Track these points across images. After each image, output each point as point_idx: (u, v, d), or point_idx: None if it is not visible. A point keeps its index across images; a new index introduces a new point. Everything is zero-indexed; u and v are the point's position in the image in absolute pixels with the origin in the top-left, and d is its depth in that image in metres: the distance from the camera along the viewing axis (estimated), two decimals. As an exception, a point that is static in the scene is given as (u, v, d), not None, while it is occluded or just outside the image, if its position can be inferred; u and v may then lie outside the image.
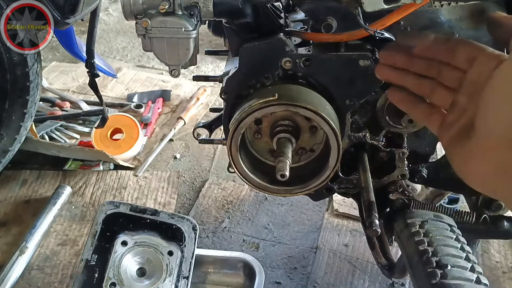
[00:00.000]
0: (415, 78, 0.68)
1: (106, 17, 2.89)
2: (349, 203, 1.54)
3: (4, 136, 1.38)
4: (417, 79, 0.68)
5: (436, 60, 0.66)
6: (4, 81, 1.28)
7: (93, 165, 1.73)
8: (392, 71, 0.71)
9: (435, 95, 0.66)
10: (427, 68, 0.67)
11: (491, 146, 0.56)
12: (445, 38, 0.67)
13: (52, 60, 2.45)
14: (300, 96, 0.79)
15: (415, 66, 0.69)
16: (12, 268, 1.31)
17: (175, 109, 2.08)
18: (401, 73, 0.70)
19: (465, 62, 0.63)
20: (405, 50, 0.70)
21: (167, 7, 0.80)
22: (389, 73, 0.71)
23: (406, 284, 1.31)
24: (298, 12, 0.94)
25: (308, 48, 0.84)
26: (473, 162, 0.58)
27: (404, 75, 0.70)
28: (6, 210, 1.55)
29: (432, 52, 0.67)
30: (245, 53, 0.82)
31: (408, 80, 0.69)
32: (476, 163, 0.58)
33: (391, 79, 0.72)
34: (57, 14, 1.15)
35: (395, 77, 0.71)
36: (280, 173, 0.76)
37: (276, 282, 1.33)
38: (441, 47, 0.66)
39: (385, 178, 0.95)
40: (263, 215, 1.54)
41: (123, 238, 1.17)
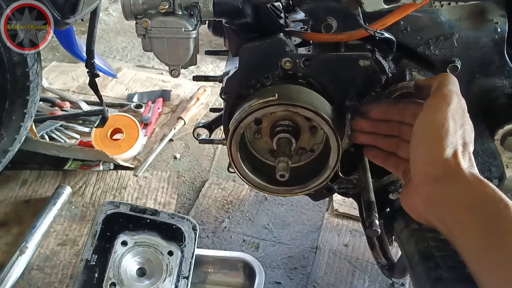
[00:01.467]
0: (383, 139, 0.83)
1: (106, 17, 2.89)
2: (349, 203, 1.54)
3: (4, 136, 1.38)
4: (385, 139, 0.82)
5: (393, 121, 0.80)
6: (4, 81, 1.28)
7: (93, 165, 1.72)
8: (364, 136, 0.85)
9: (400, 150, 0.80)
10: (390, 129, 0.81)
11: (418, 183, 0.69)
12: (395, 101, 0.82)
13: (52, 60, 2.45)
14: (300, 96, 0.79)
15: (380, 128, 0.82)
16: (12, 268, 1.30)
17: (175, 109, 2.08)
18: (372, 136, 0.84)
19: (413, 118, 0.73)
20: (368, 117, 0.83)
21: (167, 7, 0.80)
22: (363, 137, 0.85)
23: (406, 284, 1.31)
24: (298, 12, 0.94)
25: (308, 48, 0.84)
26: (409, 198, 0.72)
27: (374, 137, 0.84)
28: (6, 210, 1.55)
29: (387, 115, 0.81)
30: (245, 53, 0.82)
31: (378, 141, 0.84)
32: (411, 198, 0.71)
33: (365, 141, 0.86)
34: (57, 14, 1.15)
35: (368, 140, 0.85)
36: (280, 173, 0.76)
37: (276, 282, 1.33)
38: (393, 109, 0.80)
39: (385, 178, 0.95)
40: (263, 215, 1.54)
41: (123, 238, 1.17)
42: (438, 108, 0.68)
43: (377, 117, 0.82)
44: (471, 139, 0.70)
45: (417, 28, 0.83)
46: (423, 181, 0.68)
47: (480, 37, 0.83)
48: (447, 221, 0.65)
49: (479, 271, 0.61)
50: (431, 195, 0.67)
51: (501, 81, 0.86)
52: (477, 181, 0.64)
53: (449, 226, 0.65)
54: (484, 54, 0.84)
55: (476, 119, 0.89)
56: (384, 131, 0.82)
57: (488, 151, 0.92)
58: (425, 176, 0.68)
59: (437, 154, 0.66)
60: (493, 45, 0.83)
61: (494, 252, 0.59)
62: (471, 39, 0.83)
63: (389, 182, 0.96)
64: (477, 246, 0.61)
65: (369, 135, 0.84)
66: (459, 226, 0.63)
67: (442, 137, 0.66)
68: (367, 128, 0.84)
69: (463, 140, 0.68)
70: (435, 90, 0.71)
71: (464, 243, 0.63)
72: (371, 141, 0.85)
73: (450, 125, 0.67)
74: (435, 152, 0.66)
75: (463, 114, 0.69)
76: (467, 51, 0.84)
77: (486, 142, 0.91)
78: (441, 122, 0.67)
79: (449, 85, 0.71)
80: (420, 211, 0.70)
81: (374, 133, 0.84)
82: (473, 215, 0.62)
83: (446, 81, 0.72)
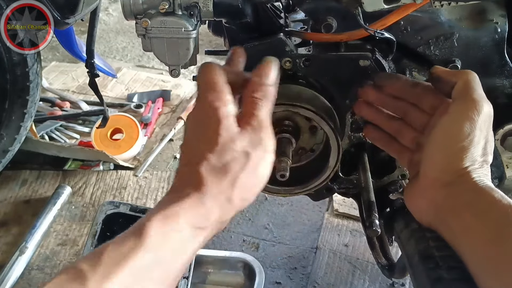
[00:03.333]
0: (386, 118, 0.77)
1: (106, 17, 2.89)
2: (349, 203, 1.54)
3: (4, 136, 1.38)
4: (388, 119, 0.77)
5: (405, 102, 0.74)
6: (4, 81, 1.28)
7: (93, 165, 1.72)
8: (368, 108, 0.79)
9: (401, 135, 0.75)
10: (395, 109, 0.75)
11: (427, 186, 0.66)
12: (415, 83, 0.75)
13: (52, 60, 2.45)
14: (300, 96, 0.79)
15: (387, 105, 0.76)
16: (12, 268, 1.31)
17: (175, 109, 2.08)
18: (375, 112, 0.78)
19: (429, 109, 0.70)
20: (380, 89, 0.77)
21: (167, 7, 0.80)
22: (365, 110, 0.79)
23: (406, 284, 1.31)
24: (298, 12, 0.94)
25: (308, 48, 0.84)
26: (415, 198, 0.69)
27: (377, 114, 0.78)
28: (6, 210, 1.55)
29: (402, 93, 0.74)
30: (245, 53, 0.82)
31: (380, 118, 0.78)
32: (417, 198, 0.68)
33: (366, 115, 0.80)
34: (57, 14, 1.15)
35: (369, 115, 0.79)
36: (280, 173, 0.76)
37: (276, 282, 1.33)
38: (411, 90, 0.73)
39: (385, 178, 0.95)
40: (263, 215, 1.54)
41: (123, 238, 1.17)
42: (468, 117, 0.63)
43: (390, 91, 0.76)
44: (491, 150, 0.66)
45: (417, 28, 0.83)
46: (432, 185, 0.66)
47: (480, 37, 0.83)
48: (452, 225, 0.63)
49: (483, 275, 0.59)
50: (439, 200, 0.65)
51: (501, 81, 0.86)
52: (487, 189, 0.62)
53: (454, 230, 0.63)
54: (484, 54, 0.84)
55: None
56: (390, 109, 0.77)
57: (488, 151, 0.91)
58: (435, 181, 0.65)
59: (454, 164, 0.63)
60: (493, 45, 0.83)
61: (501, 258, 0.57)
62: (471, 39, 0.83)
63: (389, 182, 0.96)
64: (483, 251, 0.59)
65: (372, 110, 0.79)
66: (465, 230, 0.62)
67: (464, 149, 0.63)
68: (373, 98, 0.78)
69: (483, 151, 0.64)
70: (463, 93, 0.65)
71: (469, 247, 0.61)
72: (372, 117, 0.79)
73: (476, 136, 0.62)
74: (453, 162, 0.63)
75: (489, 124, 0.65)
76: (467, 51, 0.84)
77: (486, 142, 0.91)
78: (467, 132, 0.62)
79: (479, 89, 0.65)
80: (424, 213, 0.68)
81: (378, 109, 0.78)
82: (481, 220, 0.60)
83: (474, 83, 0.66)
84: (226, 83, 0.64)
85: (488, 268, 0.59)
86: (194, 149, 0.61)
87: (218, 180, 0.58)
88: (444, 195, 0.64)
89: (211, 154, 0.59)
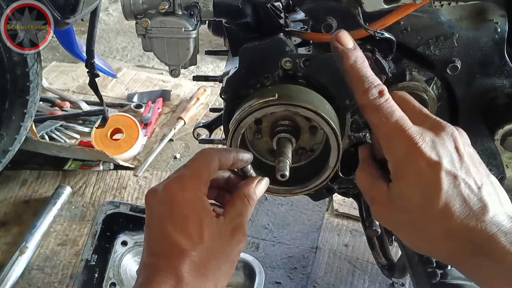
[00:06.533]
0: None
1: (106, 17, 2.89)
2: (349, 203, 1.54)
3: (4, 136, 1.38)
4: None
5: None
6: (4, 81, 1.28)
7: (93, 165, 1.73)
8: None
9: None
10: None
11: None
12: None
13: (52, 60, 2.45)
14: (300, 96, 0.79)
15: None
16: (12, 268, 1.31)
17: (175, 109, 2.08)
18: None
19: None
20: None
21: (167, 7, 0.80)
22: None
23: (406, 284, 1.31)
24: (298, 12, 0.94)
25: (308, 48, 0.84)
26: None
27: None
28: (6, 210, 1.55)
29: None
30: (245, 53, 0.82)
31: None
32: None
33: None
34: (57, 14, 1.15)
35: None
36: (280, 173, 0.76)
37: (276, 282, 1.33)
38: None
39: (385, 178, 0.95)
40: (263, 215, 1.54)
41: (123, 238, 1.17)
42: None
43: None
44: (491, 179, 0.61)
45: (417, 28, 0.83)
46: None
47: (480, 37, 0.83)
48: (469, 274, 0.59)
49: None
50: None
51: (501, 81, 0.86)
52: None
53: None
54: (484, 54, 0.84)
55: (476, 119, 0.89)
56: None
57: (488, 151, 0.91)
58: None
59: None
60: (493, 45, 0.83)
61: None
62: (471, 39, 0.83)
63: (389, 182, 0.96)
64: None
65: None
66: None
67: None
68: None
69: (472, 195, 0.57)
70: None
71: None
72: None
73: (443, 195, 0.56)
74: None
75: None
76: (467, 51, 0.84)
77: (486, 142, 0.91)
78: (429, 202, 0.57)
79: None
80: (436, 253, 0.62)
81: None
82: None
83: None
84: (214, 176, 0.65)
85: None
86: (171, 240, 0.58)
87: (200, 282, 0.57)
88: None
89: (194, 253, 0.57)
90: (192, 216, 0.59)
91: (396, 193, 0.59)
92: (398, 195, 0.59)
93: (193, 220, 0.59)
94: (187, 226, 0.58)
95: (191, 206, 0.60)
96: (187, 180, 0.61)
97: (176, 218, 0.59)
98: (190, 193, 0.60)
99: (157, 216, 0.60)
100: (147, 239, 0.61)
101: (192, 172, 0.62)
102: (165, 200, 0.60)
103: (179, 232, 0.58)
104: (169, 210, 0.60)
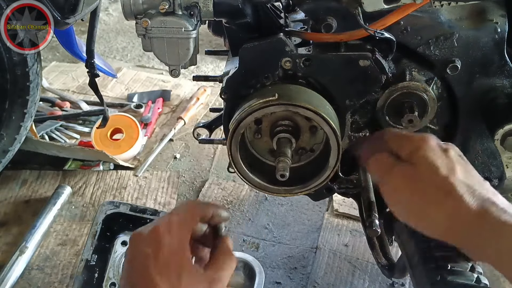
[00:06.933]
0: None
1: (106, 17, 2.89)
2: (349, 203, 1.54)
3: (4, 136, 1.38)
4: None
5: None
6: (4, 81, 1.28)
7: (93, 165, 1.72)
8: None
9: None
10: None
11: None
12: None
13: (52, 60, 2.45)
14: (300, 96, 0.79)
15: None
16: (12, 268, 1.30)
17: (175, 109, 2.08)
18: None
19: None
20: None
21: (167, 7, 0.80)
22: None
23: (406, 284, 1.31)
24: (298, 12, 0.94)
25: (308, 48, 0.84)
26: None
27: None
28: (6, 210, 1.55)
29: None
30: (245, 53, 0.82)
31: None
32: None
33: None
34: (57, 14, 1.14)
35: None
36: (280, 173, 0.76)
37: (276, 282, 1.33)
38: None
39: (385, 178, 0.95)
40: (263, 215, 1.54)
41: (123, 238, 1.17)
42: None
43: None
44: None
45: (417, 28, 0.83)
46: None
47: (480, 37, 0.83)
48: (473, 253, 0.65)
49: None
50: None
51: (501, 81, 0.86)
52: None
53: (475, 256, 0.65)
54: (484, 54, 0.84)
55: (476, 119, 0.89)
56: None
57: (488, 151, 0.92)
58: None
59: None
60: (493, 45, 0.83)
61: None
62: (471, 39, 0.83)
63: (389, 182, 0.96)
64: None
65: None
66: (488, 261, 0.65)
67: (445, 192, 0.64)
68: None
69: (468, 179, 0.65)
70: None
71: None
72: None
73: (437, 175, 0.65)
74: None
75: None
76: (467, 51, 0.84)
77: (486, 142, 0.91)
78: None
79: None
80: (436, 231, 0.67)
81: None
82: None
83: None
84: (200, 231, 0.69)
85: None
86: (152, 281, 0.61)
87: None
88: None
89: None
90: (174, 263, 0.62)
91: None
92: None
93: (175, 267, 0.62)
94: (169, 271, 0.61)
95: (175, 253, 0.63)
96: (175, 227, 0.65)
97: (159, 261, 0.62)
98: (175, 240, 0.64)
99: (141, 255, 0.63)
100: (127, 272, 0.64)
101: (179, 220, 0.66)
102: (151, 242, 0.64)
103: (160, 275, 0.61)
104: (154, 252, 0.63)
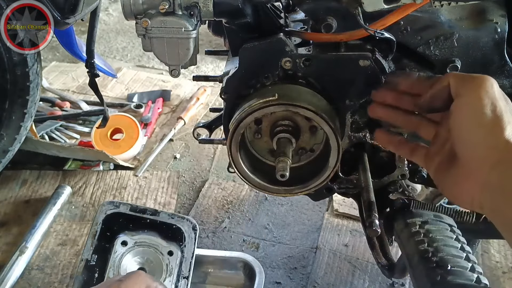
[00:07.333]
0: (404, 115, 0.76)
1: (106, 17, 2.89)
2: (349, 203, 1.54)
3: (4, 136, 1.38)
4: (406, 116, 0.76)
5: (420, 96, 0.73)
6: (4, 81, 1.28)
7: (93, 165, 1.73)
8: (383, 109, 0.79)
9: (421, 129, 0.74)
10: (411, 105, 0.74)
11: (474, 168, 0.63)
12: (427, 76, 0.76)
13: (52, 60, 2.45)
14: (300, 96, 0.79)
15: (403, 103, 0.76)
16: (12, 268, 1.31)
17: (175, 109, 2.08)
18: (391, 111, 0.77)
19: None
20: (394, 89, 0.77)
21: (167, 7, 0.80)
22: (381, 111, 0.79)
23: (406, 284, 1.31)
24: (298, 12, 0.94)
25: (308, 48, 0.84)
26: (461, 184, 0.65)
27: (394, 113, 0.77)
28: (6, 210, 1.55)
29: (417, 89, 0.74)
30: (245, 53, 0.82)
31: (397, 117, 0.77)
32: (463, 184, 0.65)
33: (383, 116, 0.79)
34: (57, 14, 1.15)
35: (386, 115, 0.79)
36: (280, 173, 0.76)
37: (276, 282, 1.33)
38: (424, 83, 0.73)
39: (385, 178, 0.95)
40: (263, 215, 1.54)
41: (123, 238, 1.17)
42: (484, 91, 0.64)
43: (404, 89, 0.76)
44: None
45: (417, 28, 0.83)
46: (481, 166, 0.62)
47: (480, 37, 0.83)
48: (506, 212, 0.60)
49: None
50: (492, 180, 0.61)
51: (501, 81, 0.86)
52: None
53: (507, 217, 0.60)
54: (484, 54, 0.84)
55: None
56: (407, 107, 0.76)
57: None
58: (484, 160, 0.62)
59: (498, 136, 0.61)
60: (493, 45, 0.83)
61: None
62: (471, 39, 0.83)
63: (389, 182, 0.96)
64: None
65: (388, 110, 0.78)
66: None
67: (498, 118, 0.61)
68: (390, 100, 0.78)
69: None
70: (463, 80, 0.66)
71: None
72: (389, 116, 0.79)
73: (501, 106, 0.62)
74: (496, 133, 0.61)
75: (503, 94, 0.66)
76: (467, 51, 0.84)
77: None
78: (492, 103, 0.62)
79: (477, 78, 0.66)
80: (475, 199, 0.64)
81: (394, 108, 0.78)
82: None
83: (461, 75, 0.67)
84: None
85: None
86: None
87: None
88: (497, 174, 0.61)
89: None
90: None
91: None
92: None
93: None
94: None
95: None
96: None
97: None
98: None
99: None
100: None
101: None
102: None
103: None
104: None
